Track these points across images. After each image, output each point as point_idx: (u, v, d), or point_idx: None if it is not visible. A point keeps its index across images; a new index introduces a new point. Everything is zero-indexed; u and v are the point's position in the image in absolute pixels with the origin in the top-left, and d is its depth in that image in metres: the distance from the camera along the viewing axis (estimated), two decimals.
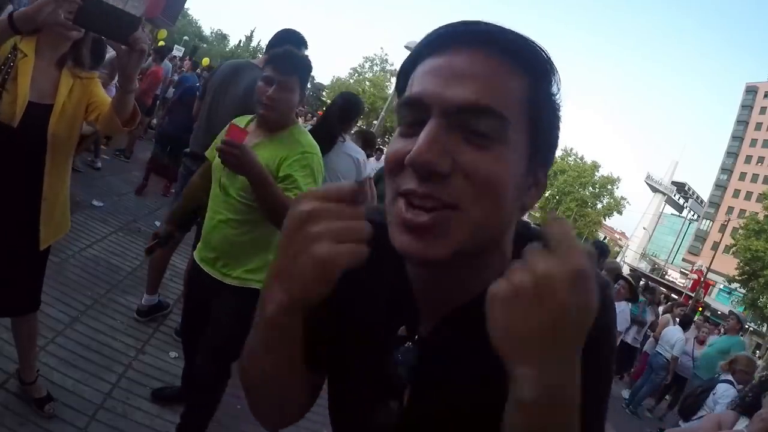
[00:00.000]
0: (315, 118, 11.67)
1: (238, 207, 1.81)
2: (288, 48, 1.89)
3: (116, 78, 5.45)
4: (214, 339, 1.88)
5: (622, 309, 4.94)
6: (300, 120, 10.68)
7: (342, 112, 2.93)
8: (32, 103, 1.63)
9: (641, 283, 7.63)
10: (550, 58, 0.53)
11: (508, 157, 0.49)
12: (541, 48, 0.52)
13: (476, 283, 0.55)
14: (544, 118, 0.53)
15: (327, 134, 2.83)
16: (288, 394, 0.65)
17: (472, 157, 0.48)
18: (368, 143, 3.88)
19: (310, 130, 2.68)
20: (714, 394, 3.61)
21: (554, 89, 0.53)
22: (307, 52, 2.92)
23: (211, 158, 1.95)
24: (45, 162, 1.70)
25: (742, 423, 1.70)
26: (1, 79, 1.59)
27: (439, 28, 0.53)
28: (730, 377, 3.77)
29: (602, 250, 4.70)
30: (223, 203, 1.84)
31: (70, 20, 1.43)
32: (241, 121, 1.96)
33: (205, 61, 12.29)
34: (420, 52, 0.54)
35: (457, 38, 0.51)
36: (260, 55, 2.86)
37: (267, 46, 2.86)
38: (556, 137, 0.56)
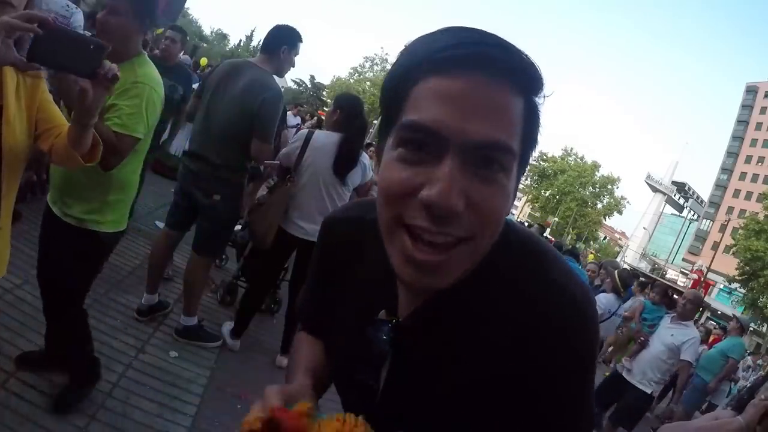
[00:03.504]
0: (315, 118, 11.66)
1: None
2: None
3: None
4: (45, 272, 1.90)
5: (608, 299, 5.00)
6: (296, 118, 10.66)
7: (361, 130, 2.98)
8: None
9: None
10: (540, 73, 0.53)
11: (509, 186, 0.52)
12: (535, 63, 0.52)
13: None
14: (533, 131, 0.54)
15: (354, 158, 2.91)
16: None
17: (482, 193, 0.49)
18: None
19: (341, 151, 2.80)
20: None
21: (541, 99, 0.54)
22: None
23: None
24: (1, 182, 1.35)
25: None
26: None
27: (444, 43, 0.50)
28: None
29: (573, 255, 5.41)
30: None
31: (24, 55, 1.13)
32: None
33: (203, 61, 12.24)
34: (420, 65, 0.50)
35: (467, 61, 0.48)
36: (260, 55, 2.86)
37: (262, 43, 2.86)
38: (537, 140, 0.56)
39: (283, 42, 2.74)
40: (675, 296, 5.90)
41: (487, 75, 0.48)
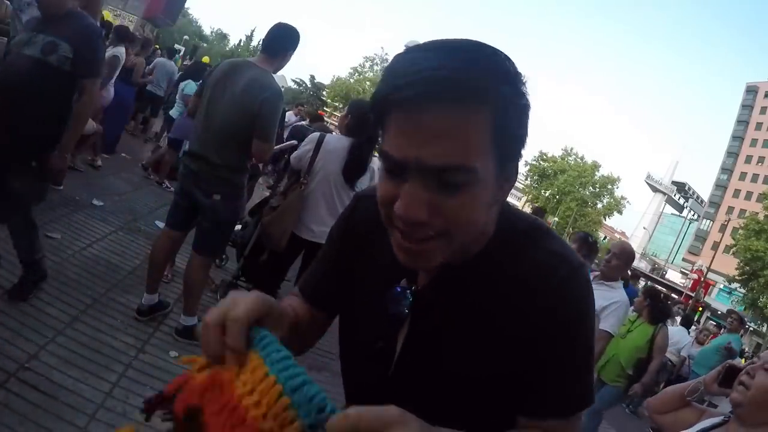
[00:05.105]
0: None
1: None
2: None
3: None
4: None
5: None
6: (294, 114, 10.63)
7: (372, 137, 2.98)
8: None
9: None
10: (514, 68, 0.56)
11: (479, 194, 0.57)
12: (505, 61, 0.56)
13: (462, 251, 0.65)
14: (511, 131, 0.57)
15: (363, 165, 2.92)
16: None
17: (447, 204, 0.56)
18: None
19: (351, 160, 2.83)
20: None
21: (522, 90, 0.57)
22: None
23: None
24: None
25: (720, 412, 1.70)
26: None
27: (401, 79, 0.53)
28: None
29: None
30: None
31: None
32: None
33: (206, 59, 12.23)
34: (385, 99, 0.56)
35: (419, 98, 0.53)
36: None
37: (263, 42, 2.86)
38: (526, 132, 0.60)
39: (289, 47, 2.77)
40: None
41: (439, 105, 0.53)
